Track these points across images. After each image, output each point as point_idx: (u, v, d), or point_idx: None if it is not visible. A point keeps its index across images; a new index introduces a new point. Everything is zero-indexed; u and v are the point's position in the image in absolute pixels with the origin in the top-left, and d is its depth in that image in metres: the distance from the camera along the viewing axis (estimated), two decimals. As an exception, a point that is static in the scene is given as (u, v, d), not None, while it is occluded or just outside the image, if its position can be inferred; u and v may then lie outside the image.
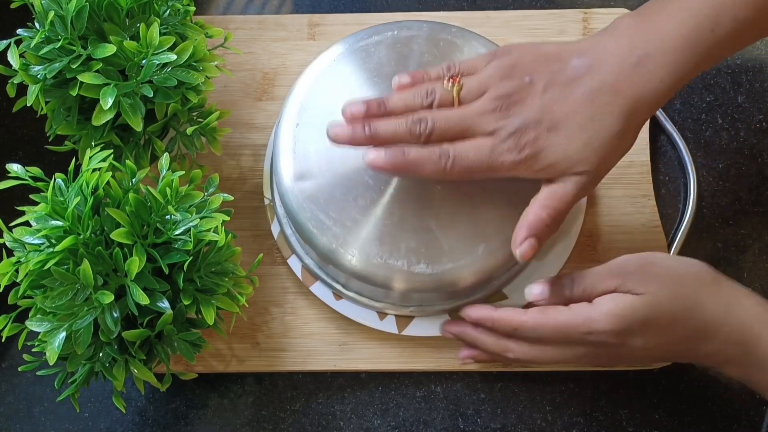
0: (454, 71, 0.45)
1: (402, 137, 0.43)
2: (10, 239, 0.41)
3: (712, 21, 0.41)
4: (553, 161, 0.42)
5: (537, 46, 0.44)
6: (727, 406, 0.52)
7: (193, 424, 0.53)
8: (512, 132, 0.42)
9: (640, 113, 0.42)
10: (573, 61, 0.43)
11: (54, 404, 0.53)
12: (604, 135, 0.42)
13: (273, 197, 0.54)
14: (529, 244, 0.43)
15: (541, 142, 0.42)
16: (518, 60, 0.43)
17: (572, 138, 0.42)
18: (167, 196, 0.43)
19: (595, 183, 0.44)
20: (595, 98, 0.42)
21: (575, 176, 0.42)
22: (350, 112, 0.45)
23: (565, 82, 0.42)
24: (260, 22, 0.62)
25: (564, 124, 0.42)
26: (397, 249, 0.46)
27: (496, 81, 0.43)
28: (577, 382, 0.53)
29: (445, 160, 0.42)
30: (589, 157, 0.42)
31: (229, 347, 0.53)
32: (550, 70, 0.43)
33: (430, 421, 0.52)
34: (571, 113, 0.42)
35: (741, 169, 0.58)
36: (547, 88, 0.42)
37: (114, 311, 0.40)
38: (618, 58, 0.42)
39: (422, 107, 0.44)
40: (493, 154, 0.42)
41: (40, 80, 0.44)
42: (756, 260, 0.56)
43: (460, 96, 0.44)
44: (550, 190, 0.43)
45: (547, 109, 0.42)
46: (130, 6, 0.45)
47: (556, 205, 0.43)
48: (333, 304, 0.52)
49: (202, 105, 0.50)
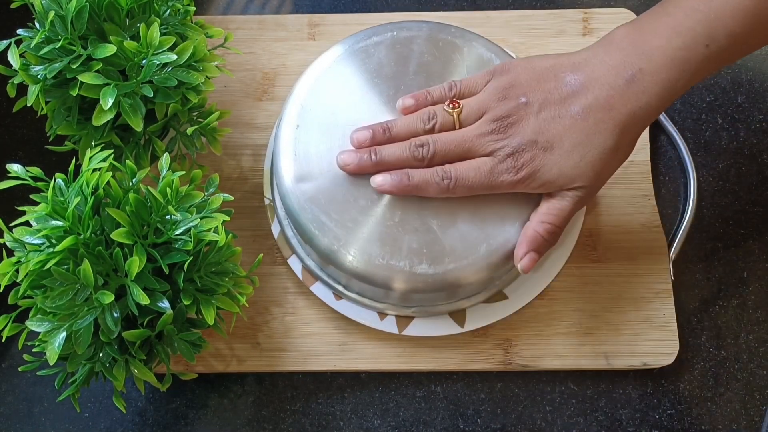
0: (455, 91, 0.47)
1: (406, 161, 0.46)
2: (10, 239, 0.41)
3: (706, 37, 0.41)
4: (550, 179, 0.44)
5: (533, 62, 0.46)
6: (727, 406, 0.52)
7: (193, 424, 0.53)
8: (510, 153, 0.44)
9: (633, 128, 0.43)
10: (567, 77, 0.44)
11: (54, 404, 0.53)
12: (599, 151, 0.43)
13: (273, 197, 0.54)
14: (529, 258, 0.45)
15: (537, 162, 0.44)
16: (515, 79, 0.45)
17: (567, 156, 0.43)
18: (167, 196, 0.43)
19: (591, 196, 0.46)
20: (588, 115, 0.43)
21: (572, 191, 0.44)
22: (357, 139, 0.47)
23: (559, 100, 0.44)
24: (260, 22, 0.62)
25: (559, 143, 0.43)
26: (399, 250, 0.46)
27: (494, 102, 0.45)
28: (577, 382, 0.53)
29: (447, 182, 0.45)
30: (584, 173, 0.43)
31: (229, 347, 0.53)
32: (545, 88, 0.44)
33: (430, 421, 0.52)
34: (566, 132, 0.43)
35: (741, 169, 0.58)
36: (542, 108, 0.44)
37: (114, 311, 0.40)
38: (611, 73, 0.43)
39: (424, 131, 0.46)
40: (492, 174, 0.44)
41: (40, 80, 0.44)
42: (756, 260, 0.56)
43: (461, 118, 0.46)
44: (549, 205, 0.45)
45: (543, 129, 0.43)
46: (130, 6, 0.45)
47: (554, 220, 0.45)
48: (333, 304, 0.52)
49: (202, 105, 0.50)
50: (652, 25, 0.43)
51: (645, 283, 0.54)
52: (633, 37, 0.43)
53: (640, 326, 0.53)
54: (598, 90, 0.43)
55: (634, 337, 0.52)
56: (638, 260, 0.54)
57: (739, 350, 0.54)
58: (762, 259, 0.56)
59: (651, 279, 0.54)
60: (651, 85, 0.42)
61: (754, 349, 0.54)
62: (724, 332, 0.54)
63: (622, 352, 0.52)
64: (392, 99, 0.49)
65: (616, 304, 0.53)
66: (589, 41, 0.60)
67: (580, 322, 0.53)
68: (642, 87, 0.42)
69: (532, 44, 0.61)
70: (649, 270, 0.54)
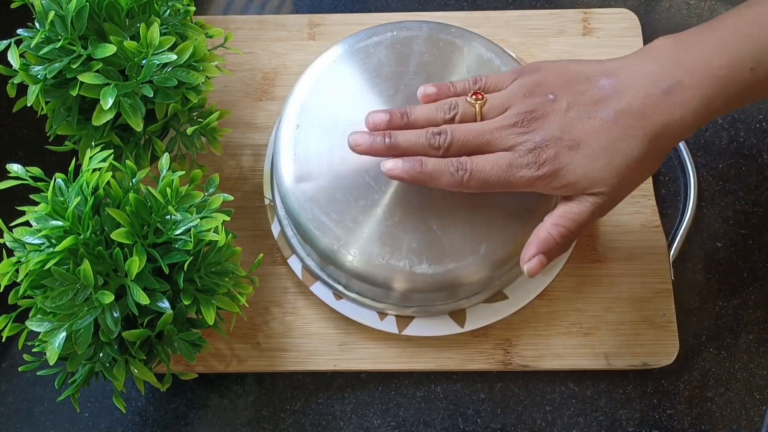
0: (480, 85, 0.45)
1: (421, 149, 0.43)
2: (10, 239, 0.41)
3: (752, 59, 0.40)
4: (573, 180, 0.41)
5: (564, 64, 0.44)
6: (727, 406, 0.52)
7: (193, 424, 0.53)
8: (532, 148, 0.41)
9: (663, 141, 0.41)
10: (600, 81, 0.42)
11: (54, 404, 0.53)
12: (626, 158, 0.41)
13: (273, 197, 0.54)
14: (537, 261, 0.43)
15: (561, 160, 0.41)
16: (543, 79, 0.43)
17: (594, 158, 0.41)
18: (167, 196, 0.43)
19: (610, 206, 0.43)
20: (619, 120, 0.41)
21: (593, 197, 0.42)
22: (372, 120, 0.45)
23: (590, 102, 0.42)
24: (260, 22, 0.62)
25: (586, 144, 0.41)
26: (399, 249, 0.46)
27: (520, 98, 0.43)
28: (577, 382, 0.53)
29: (462, 173, 0.42)
30: (608, 178, 0.41)
31: (229, 347, 0.53)
32: (575, 89, 0.42)
33: (430, 421, 0.52)
34: (594, 133, 0.41)
35: (741, 169, 0.58)
36: (571, 107, 0.42)
37: (114, 311, 0.40)
38: (648, 82, 0.41)
39: (444, 121, 0.44)
40: (510, 169, 0.42)
41: (40, 80, 0.44)
42: (756, 260, 0.56)
43: (483, 111, 0.43)
44: (566, 209, 0.43)
45: (570, 127, 0.41)
46: (130, 6, 0.45)
47: (570, 225, 0.42)
48: (333, 304, 0.52)
49: (202, 105, 0.50)
50: (695, 41, 0.41)
51: (645, 283, 0.54)
52: (674, 50, 0.41)
53: (640, 326, 0.53)
54: (632, 96, 0.41)
55: (634, 337, 0.52)
56: (638, 260, 0.54)
57: (739, 350, 0.54)
58: (762, 259, 0.56)
59: (651, 279, 0.54)
60: (689, 100, 0.40)
61: (754, 349, 0.54)
62: (724, 332, 0.54)
63: (622, 352, 0.52)
64: (392, 99, 0.49)
65: (616, 304, 0.53)
66: (589, 41, 0.60)
67: (580, 322, 0.53)
68: (679, 100, 0.40)
69: (532, 44, 0.61)
70: (649, 270, 0.54)
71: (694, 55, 0.41)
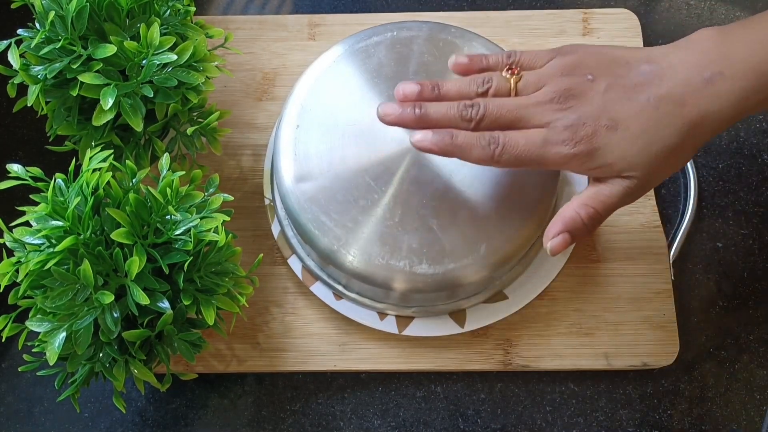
0: (514, 60, 0.43)
1: (452, 121, 0.42)
2: (10, 239, 0.41)
3: None
4: (610, 161, 0.40)
5: (603, 48, 0.43)
6: (727, 406, 0.52)
7: (193, 425, 0.53)
8: (568, 125, 0.40)
9: (700, 131, 0.40)
10: (641, 66, 0.41)
11: (54, 404, 0.53)
12: (662, 145, 0.40)
13: (273, 197, 0.54)
14: (562, 239, 0.42)
15: (598, 139, 0.40)
16: (582, 60, 0.42)
17: (632, 140, 0.40)
18: (167, 196, 0.43)
19: (640, 194, 0.42)
20: (659, 105, 0.40)
21: (626, 180, 0.41)
22: (403, 91, 0.43)
23: (629, 85, 0.41)
24: (260, 22, 0.62)
25: (625, 125, 0.40)
26: (399, 249, 0.46)
27: (557, 76, 0.42)
28: (577, 382, 0.53)
29: (494, 147, 0.41)
30: (644, 163, 0.40)
31: (229, 347, 0.53)
32: (615, 72, 0.41)
33: (430, 421, 0.52)
34: (633, 116, 0.40)
35: (741, 169, 0.58)
36: (610, 89, 0.41)
37: (114, 311, 0.40)
38: (689, 70, 0.40)
39: (477, 94, 0.43)
40: (545, 146, 0.40)
41: (40, 80, 0.44)
42: (756, 260, 0.56)
43: (518, 87, 0.42)
44: (596, 190, 0.42)
45: (608, 108, 0.40)
46: (130, 6, 0.45)
47: (599, 207, 0.41)
48: (333, 304, 0.52)
49: (202, 105, 0.50)
50: (739, 34, 0.41)
51: (645, 283, 0.54)
52: (717, 41, 0.41)
53: (640, 326, 0.53)
54: (672, 83, 0.40)
55: (634, 337, 0.52)
56: (638, 260, 0.54)
57: (739, 350, 0.54)
58: (762, 259, 0.56)
59: (651, 279, 0.54)
60: (729, 91, 0.39)
61: (754, 349, 0.54)
62: (724, 332, 0.54)
63: (622, 352, 0.52)
64: (392, 99, 0.49)
65: (616, 304, 0.53)
66: (589, 41, 0.60)
67: (580, 322, 0.53)
68: (720, 90, 0.39)
69: (532, 44, 0.61)
70: (649, 270, 0.54)
71: (737, 48, 0.40)
